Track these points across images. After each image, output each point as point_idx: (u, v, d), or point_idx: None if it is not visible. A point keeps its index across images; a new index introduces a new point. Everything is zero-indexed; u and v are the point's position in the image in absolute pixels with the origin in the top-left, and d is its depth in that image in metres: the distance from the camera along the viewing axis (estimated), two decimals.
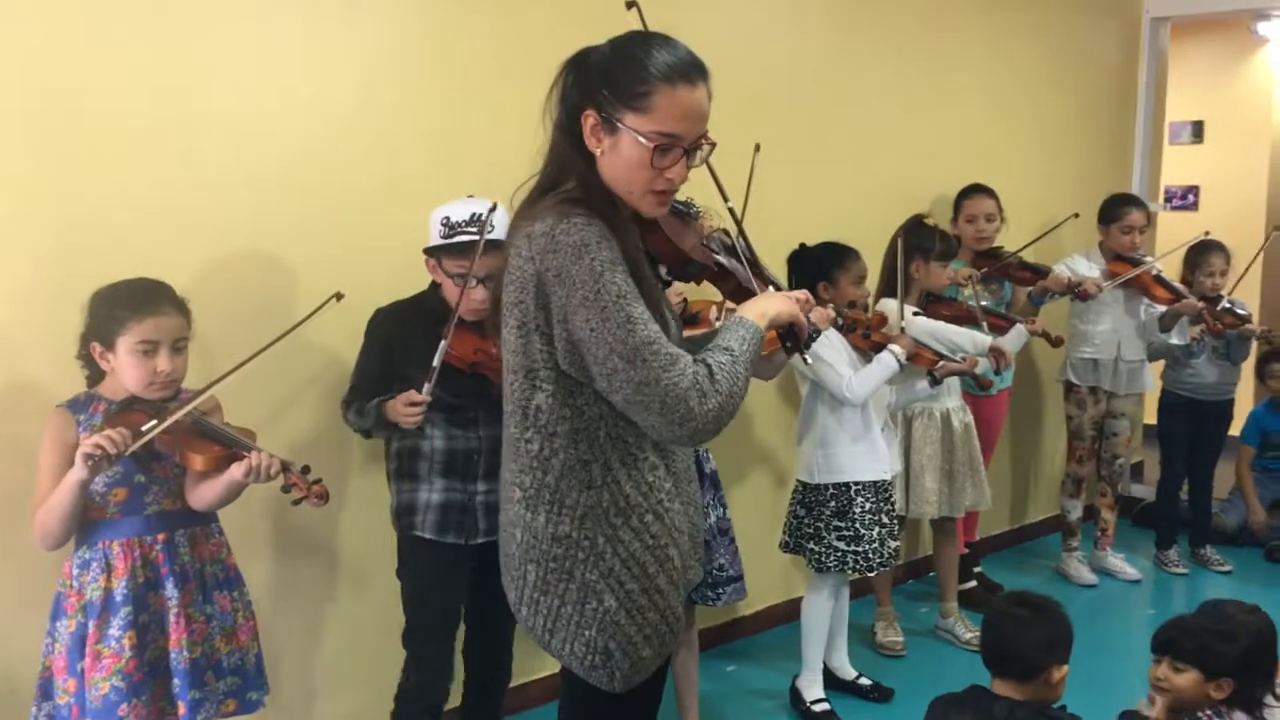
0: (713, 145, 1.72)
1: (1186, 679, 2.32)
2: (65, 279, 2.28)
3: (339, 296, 2.30)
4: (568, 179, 1.70)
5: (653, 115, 1.64)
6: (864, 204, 4.05)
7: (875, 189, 4.15)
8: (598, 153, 1.68)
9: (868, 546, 3.22)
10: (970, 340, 3.44)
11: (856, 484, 3.23)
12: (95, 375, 2.16)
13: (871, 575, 3.39)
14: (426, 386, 2.36)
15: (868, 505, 3.24)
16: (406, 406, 2.37)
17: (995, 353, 3.41)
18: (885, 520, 3.28)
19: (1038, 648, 2.19)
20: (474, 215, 2.42)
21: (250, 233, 2.65)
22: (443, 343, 2.36)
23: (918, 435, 3.73)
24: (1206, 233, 4.52)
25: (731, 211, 2.02)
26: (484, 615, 2.64)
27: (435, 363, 2.36)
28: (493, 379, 2.43)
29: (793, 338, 1.82)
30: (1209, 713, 2.32)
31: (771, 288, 1.94)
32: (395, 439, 2.53)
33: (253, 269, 2.66)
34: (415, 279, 2.61)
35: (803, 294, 1.86)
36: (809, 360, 1.85)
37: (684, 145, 1.67)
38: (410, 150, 2.90)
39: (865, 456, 3.24)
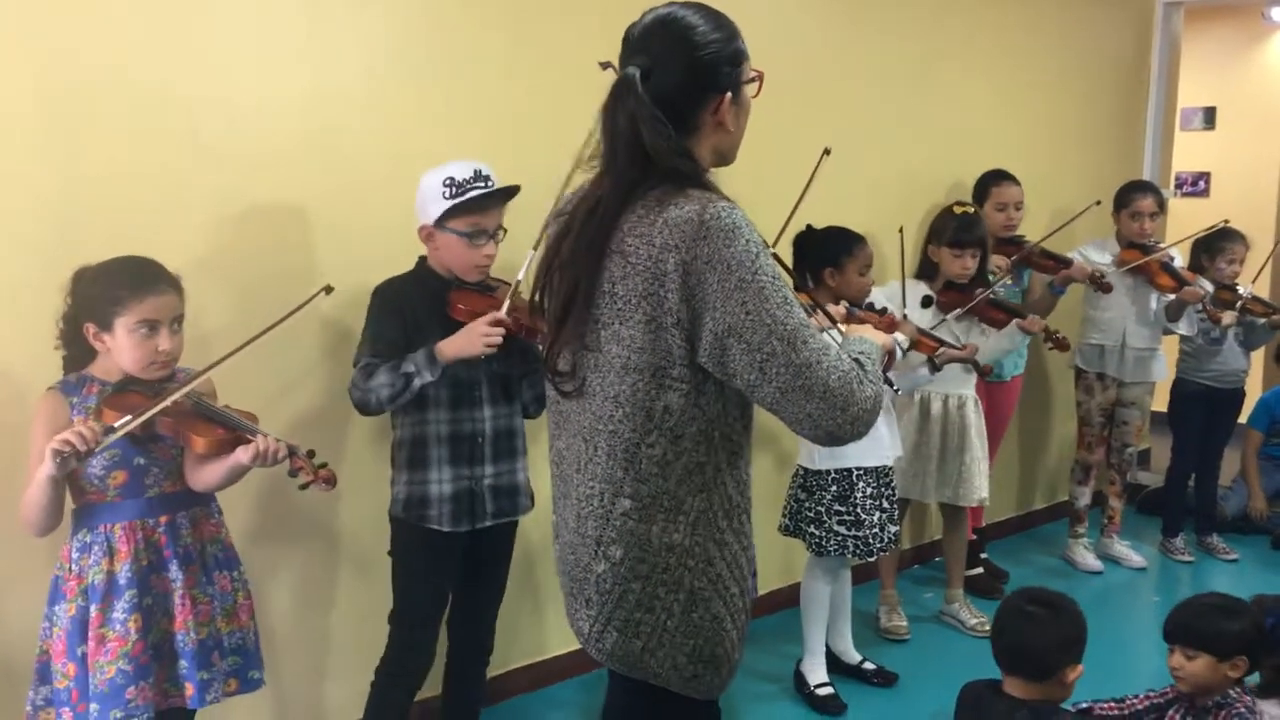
0: None
1: (1200, 664, 2.31)
2: (50, 258, 2.24)
3: (328, 290, 2.26)
4: (653, 169, 1.59)
5: (748, 58, 1.68)
6: (873, 192, 4.03)
7: (885, 177, 4.13)
8: (730, 129, 1.67)
9: (868, 531, 3.22)
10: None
11: (859, 470, 3.22)
12: (78, 356, 2.12)
13: (871, 560, 3.39)
14: (506, 304, 2.36)
15: (869, 490, 3.23)
16: (488, 326, 2.32)
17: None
18: (886, 505, 3.28)
19: (1054, 648, 2.16)
20: (477, 171, 2.42)
21: (250, 213, 2.63)
22: (533, 252, 2.34)
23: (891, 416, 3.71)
24: (1226, 221, 4.48)
25: None
26: (472, 595, 2.64)
27: (520, 276, 2.37)
28: (515, 332, 2.42)
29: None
30: (1236, 691, 2.32)
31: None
32: (400, 425, 2.51)
33: (252, 249, 2.64)
34: (412, 260, 2.59)
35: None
36: (898, 390, 1.82)
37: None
38: (412, 133, 2.88)
39: (868, 442, 3.19)
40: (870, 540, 3.23)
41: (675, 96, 1.60)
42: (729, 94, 1.64)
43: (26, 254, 2.30)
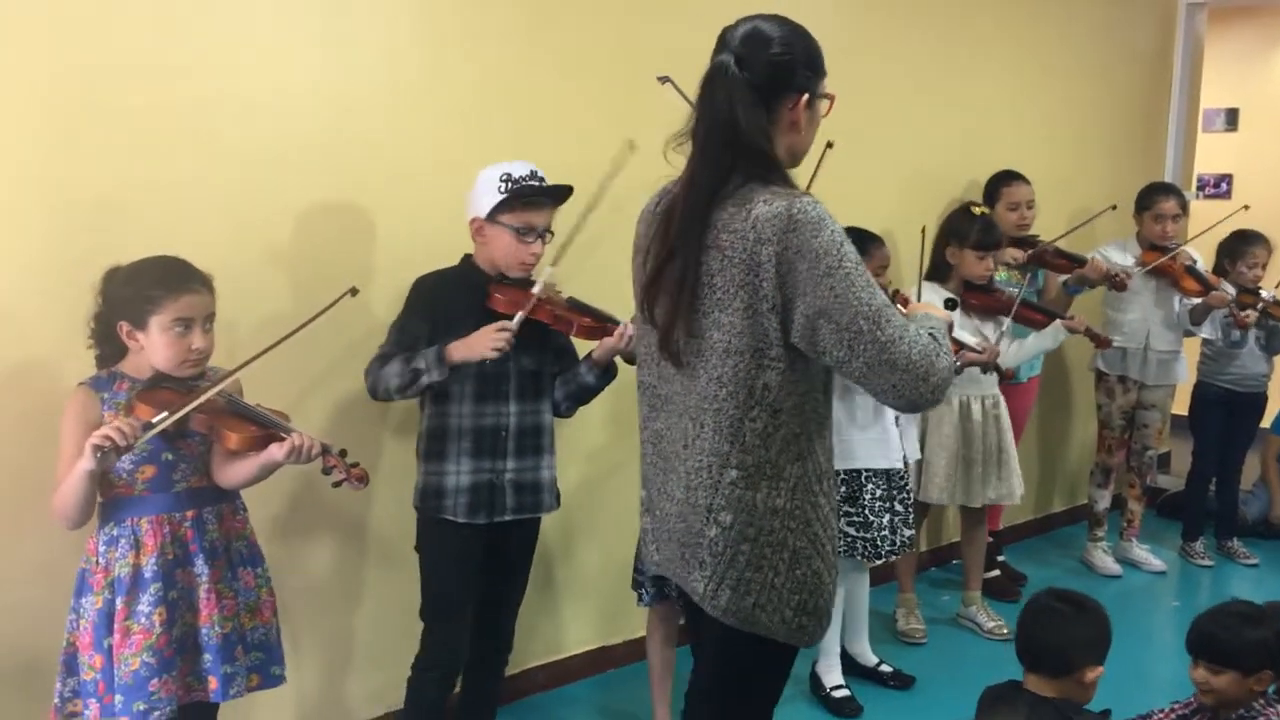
0: None
1: (1225, 680, 2.31)
2: (78, 257, 2.27)
3: (354, 291, 2.27)
4: (743, 153, 1.75)
5: (825, 74, 1.85)
6: (889, 190, 4.02)
7: (903, 176, 4.12)
8: (802, 130, 1.82)
9: (876, 533, 3.22)
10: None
11: (867, 471, 3.22)
12: (108, 354, 2.16)
13: (879, 562, 3.36)
14: (518, 316, 2.40)
15: (878, 492, 3.23)
16: (496, 332, 2.36)
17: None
18: (898, 508, 3.27)
19: (1075, 645, 2.17)
20: (533, 171, 2.47)
21: (267, 211, 2.64)
22: (539, 284, 2.43)
23: (931, 422, 3.70)
24: (1246, 207, 4.42)
25: None
26: (493, 592, 2.65)
27: (537, 288, 2.42)
28: (551, 324, 2.49)
29: None
30: (1261, 703, 2.31)
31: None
32: (426, 416, 2.53)
33: (269, 248, 2.65)
34: (435, 257, 2.60)
35: None
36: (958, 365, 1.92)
37: None
38: (432, 128, 2.89)
39: (876, 444, 3.22)
40: (879, 542, 3.23)
41: (761, 87, 1.76)
42: (806, 95, 1.80)
43: (54, 254, 2.32)
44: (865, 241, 3.23)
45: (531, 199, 2.45)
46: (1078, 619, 2.21)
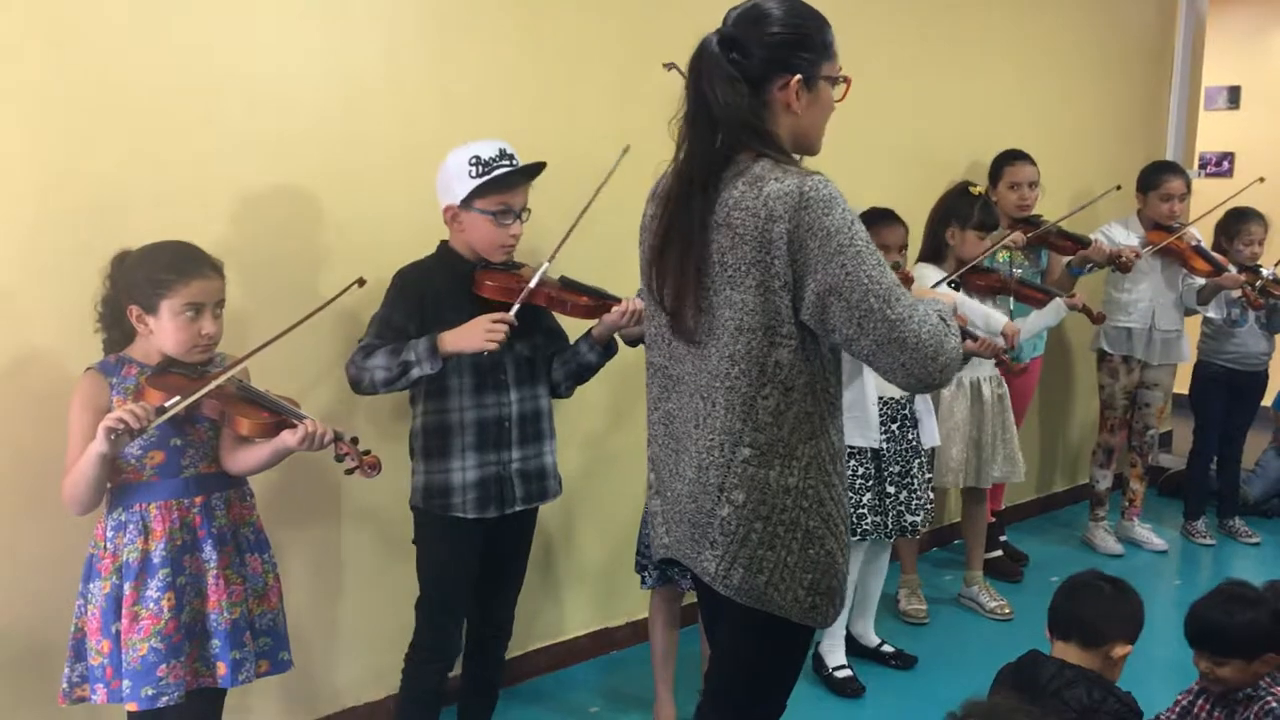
0: None
1: (1230, 670, 2.33)
2: (81, 245, 2.27)
3: (361, 282, 2.25)
4: (740, 147, 1.75)
5: (835, 57, 1.82)
6: (891, 170, 4.01)
7: (903, 156, 4.10)
8: (798, 112, 1.78)
9: (854, 510, 3.22)
10: (984, 319, 3.38)
11: (849, 448, 3.20)
12: (116, 339, 2.15)
13: (856, 539, 3.30)
14: (514, 308, 2.36)
15: (860, 470, 3.23)
16: (492, 324, 2.30)
17: (1007, 336, 3.34)
18: (891, 490, 3.27)
19: (1109, 619, 2.23)
20: (502, 150, 2.41)
21: (273, 199, 2.64)
22: (539, 274, 2.41)
23: (944, 405, 3.70)
24: (1261, 179, 4.40)
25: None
26: (494, 579, 2.62)
27: (533, 284, 2.39)
28: (547, 306, 2.47)
29: None
30: (1266, 682, 2.33)
31: None
32: (421, 413, 2.48)
33: (274, 234, 2.65)
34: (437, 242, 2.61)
35: None
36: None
37: None
38: (434, 115, 2.88)
39: (853, 424, 3.15)
40: (855, 521, 3.23)
41: (750, 67, 1.75)
42: (799, 77, 1.76)
43: (57, 242, 2.32)
44: (884, 220, 3.23)
45: (505, 180, 2.38)
46: (1116, 597, 2.28)
